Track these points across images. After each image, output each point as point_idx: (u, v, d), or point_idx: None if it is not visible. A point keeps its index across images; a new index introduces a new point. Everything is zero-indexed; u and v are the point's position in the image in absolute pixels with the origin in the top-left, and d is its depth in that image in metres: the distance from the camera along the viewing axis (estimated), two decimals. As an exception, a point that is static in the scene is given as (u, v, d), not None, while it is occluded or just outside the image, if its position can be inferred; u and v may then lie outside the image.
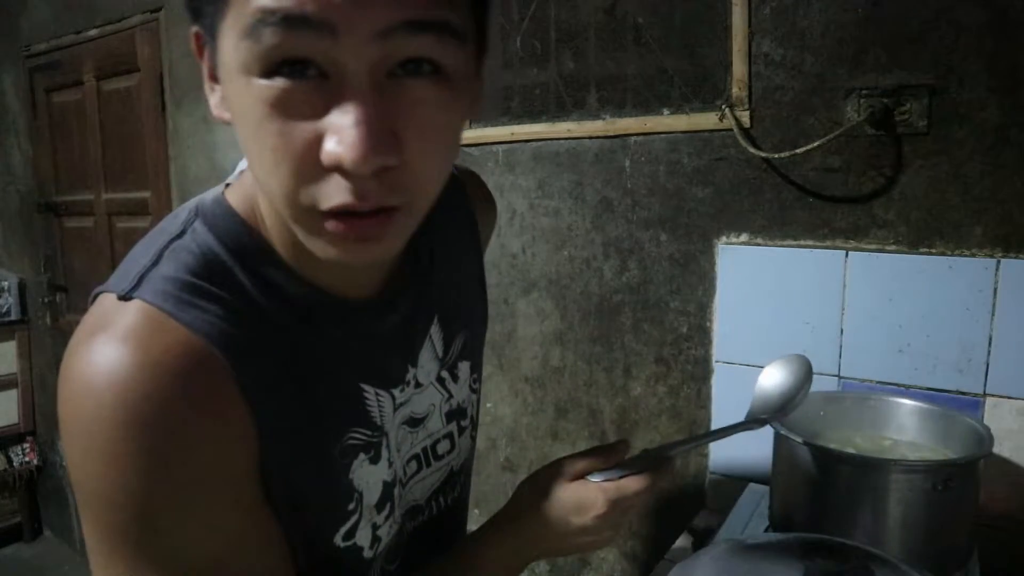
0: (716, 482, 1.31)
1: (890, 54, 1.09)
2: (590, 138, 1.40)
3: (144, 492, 0.44)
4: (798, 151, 1.14)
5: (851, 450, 0.89)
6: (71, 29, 2.58)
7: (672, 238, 1.34)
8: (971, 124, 1.05)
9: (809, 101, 1.17)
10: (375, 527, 0.59)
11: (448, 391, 0.67)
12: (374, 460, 0.58)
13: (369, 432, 0.58)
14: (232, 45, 0.41)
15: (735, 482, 1.28)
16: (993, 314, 1.04)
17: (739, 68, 1.22)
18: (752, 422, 0.73)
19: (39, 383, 3.14)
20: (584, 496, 0.61)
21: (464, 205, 0.72)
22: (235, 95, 0.43)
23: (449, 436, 0.68)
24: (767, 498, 1.01)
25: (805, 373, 0.75)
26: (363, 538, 0.59)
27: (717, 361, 1.30)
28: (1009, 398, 1.05)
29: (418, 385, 0.63)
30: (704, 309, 1.31)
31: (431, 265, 0.65)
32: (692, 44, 1.27)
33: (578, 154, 1.43)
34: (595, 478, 0.63)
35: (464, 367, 0.69)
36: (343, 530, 0.57)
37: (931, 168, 1.09)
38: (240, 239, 0.52)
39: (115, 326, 0.46)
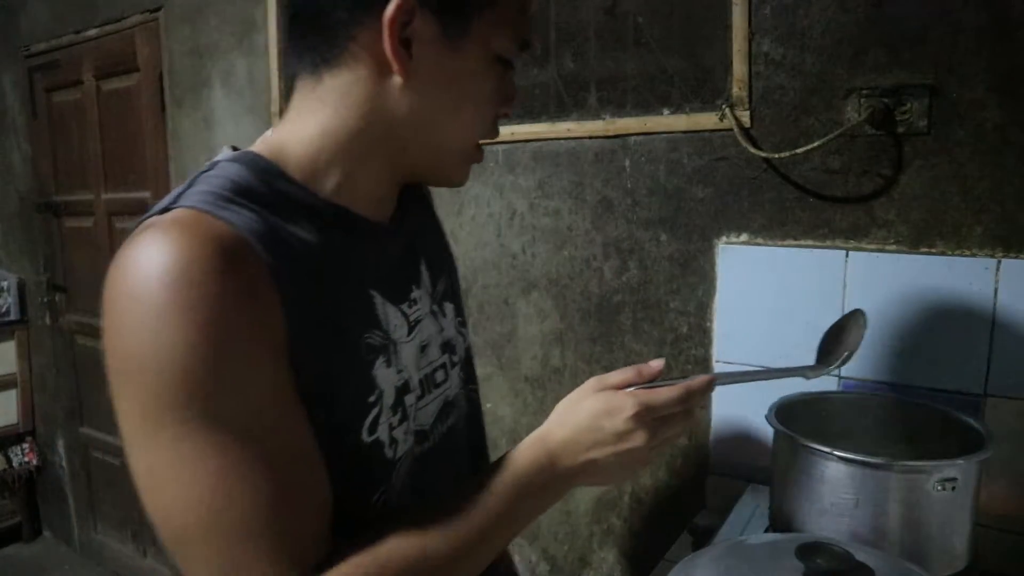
0: (716, 482, 1.31)
1: (890, 54, 1.09)
2: (590, 138, 1.40)
3: (187, 353, 0.48)
4: (798, 151, 1.14)
5: (851, 450, 0.89)
6: (71, 29, 2.58)
7: (672, 238, 1.34)
8: (971, 124, 1.05)
9: (809, 101, 1.17)
10: (391, 428, 0.64)
11: (440, 324, 0.75)
12: (388, 364, 0.64)
13: (382, 335, 0.64)
14: (492, 34, 0.60)
15: (735, 482, 1.28)
16: (993, 314, 1.04)
17: (739, 68, 1.22)
18: (806, 368, 0.75)
19: (39, 383, 3.14)
20: (614, 400, 0.60)
21: (422, 193, 0.83)
22: (477, 73, 0.61)
23: (443, 367, 0.74)
24: (767, 498, 1.01)
25: (862, 324, 0.78)
26: (384, 434, 0.63)
27: (717, 361, 1.30)
28: (1009, 398, 1.04)
29: (419, 316, 0.70)
30: (704, 309, 1.31)
31: (412, 214, 0.74)
32: (692, 44, 1.27)
33: (578, 154, 1.43)
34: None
35: (449, 307, 0.78)
36: (367, 423, 0.61)
37: (931, 168, 1.09)
38: (265, 167, 0.60)
39: (159, 225, 0.52)
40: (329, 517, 0.56)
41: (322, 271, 0.59)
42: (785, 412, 1.00)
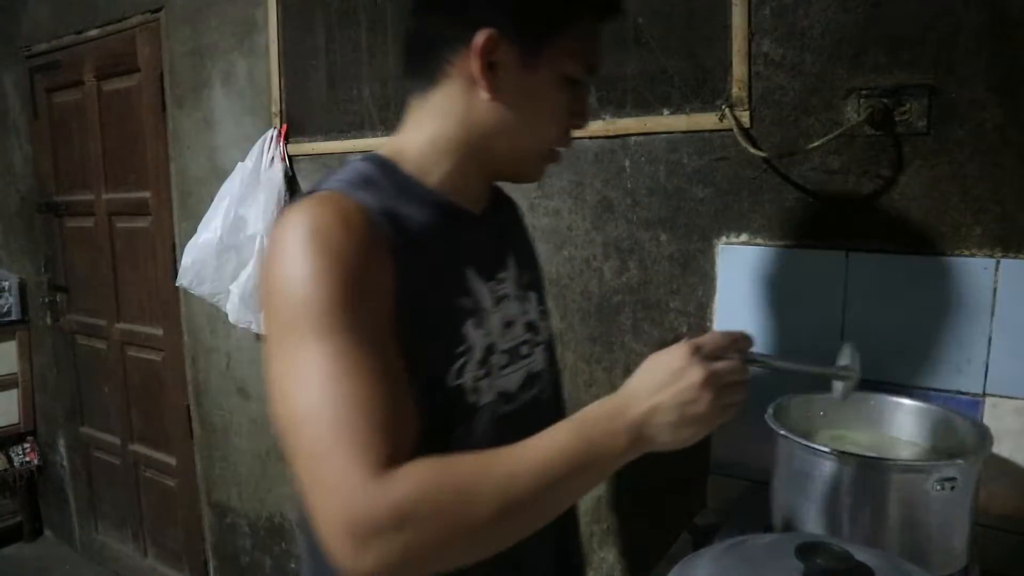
0: (716, 482, 1.31)
1: (890, 54, 1.09)
2: (590, 138, 1.40)
3: (318, 283, 0.64)
4: (798, 151, 1.14)
5: (851, 450, 0.89)
6: (71, 29, 2.58)
7: (672, 238, 1.34)
8: (971, 124, 1.05)
9: (809, 101, 1.17)
10: (476, 379, 0.76)
11: (524, 308, 0.88)
12: (477, 325, 0.78)
13: (473, 302, 0.78)
14: (556, 61, 0.74)
15: (735, 482, 1.28)
16: (993, 314, 1.04)
17: (739, 68, 1.22)
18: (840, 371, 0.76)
19: (39, 383, 3.14)
20: (671, 348, 0.69)
21: (514, 205, 1.01)
22: (541, 87, 0.75)
23: (527, 343, 0.86)
24: (767, 498, 1.01)
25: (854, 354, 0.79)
26: (468, 382, 0.75)
27: (717, 361, 1.30)
28: (1009, 398, 1.05)
29: (507, 292, 0.84)
30: (704, 309, 1.31)
31: (505, 217, 0.94)
32: (692, 44, 1.27)
33: (578, 154, 1.43)
34: None
35: (533, 296, 0.91)
36: (454, 369, 0.74)
37: (931, 168, 1.09)
38: (386, 164, 0.77)
39: (307, 200, 0.70)
40: (415, 439, 0.65)
41: (427, 244, 0.73)
42: (785, 412, 1.00)
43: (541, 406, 0.88)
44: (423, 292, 0.72)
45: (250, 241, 1.89)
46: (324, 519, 0.60)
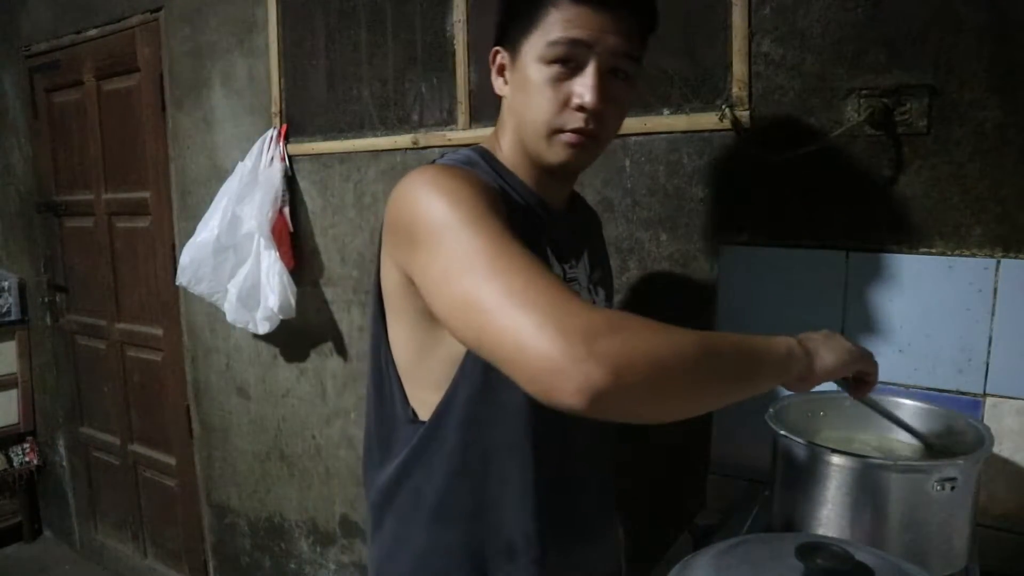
0: (716, 482, 1.31)
1: (890, 54, 1.09)
2: (590, 138, 1.40)
3: (466, 194, 0.74)
4: (798, 151, 1.14)
5: (851, 450, 0.89)
6: (71, 29, 2.58)
7: (672, 238, 1.34)
8: (971, 124, 1.05)
9: (809, 101, 1.17)
10: None
11: (593, 299, 0.98)
12: None
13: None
14: (532, 49, 0.83)
15: (735, 482, 1.28)
16: (993, 314, 1.04)
17: (739, 68, 1.22)
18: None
19: (39, 383, 3.14)
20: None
21: (596, 216, 1.16)
22: (528, 74, 0.84)
23: None
24: (767, 498, 1.01)
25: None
26: None
27: (717, 361, 1.30)
28: (1009, 398, 1.05)
29: (577, 279, 0.94)
30: (704, 309, 1.31)
31: (584, 222, 1.06)
32: (692, 44, 1.27)
33: (578, 154, 1.43)
34: None
35: (601, 292, 1.01)
36: None
37: (931, 168, 1.09)
38: (483, 152, 0.91)
39: (423, 167, 0.81)
40: None
41: (521, 218, 0.83)
42: (785, 412, 1.00)
43: None
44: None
45: (247, 240, 1.89)
46: (541, 335, 0.60)
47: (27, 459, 3.14)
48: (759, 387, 0.73)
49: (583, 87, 0.82)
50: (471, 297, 0.66)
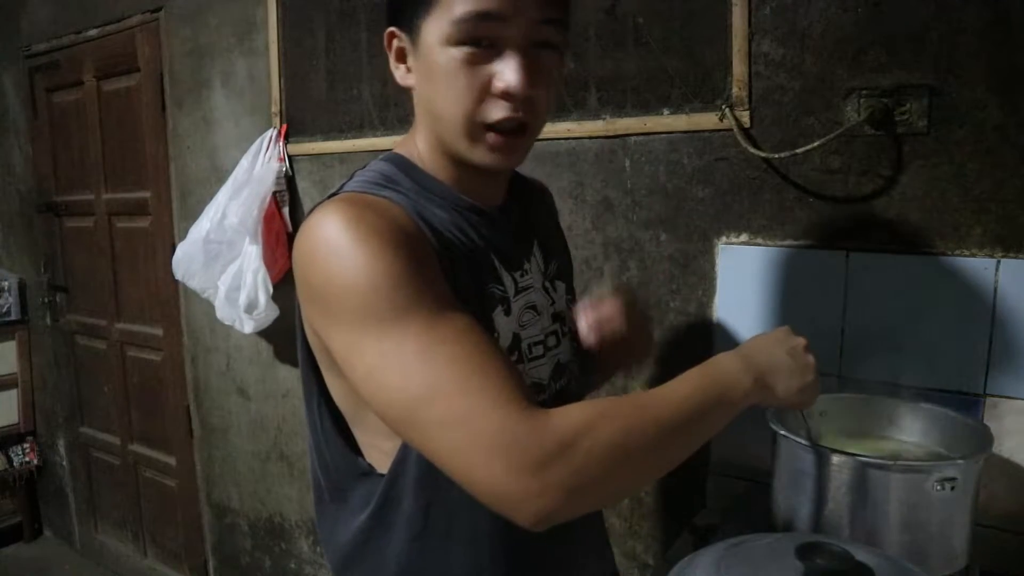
0: (716, 482, 1.31)
1: (890, 54, 1.09)
2: (590, 138, 1.40)
3: (376, 274, 0.63)
4: (798, 151, 1.14)
5: (851, 450, 0.89)
6: (71, 29, 2.58)
7: (672, 238, 1.34)
8: (971, 124, 1.05)
9: (809, 101, 1.17)
10: None
11: (551, 298, 0.88)
12: (507, 313, 0.79)
13: (502, 289, 0.80)
14: (435, 31, 0.69)
15: (735, 482, 1.28)
16: (993, 314, 1.04)
17: (739, 68, 1.22)
18: None
19: (39, 383, 3.14)
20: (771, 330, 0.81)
21: (544, 193, 1.04)
22: (434, 60, 0.71)
23: (555, 333, 0.87)
24: (767, 498, 1.01)
25: None
26: None
27: (717, 361, 1.30)
28: (1009, 398, 1.05)
29: (531, 283, 0.85)
30: (704, 309, 1.31)
31: (528, 208, 0.91)
32: (692, 44, 1.27)
33: (578, 154, 1.43)
34: None
35: (560, 285, 0.92)
36: None
37: (931, 168, 1.09)
38: (402, 162, 0.79)
39: (332, 203, 0.69)
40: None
41: (454, 238, 0.75)
42: (785, 412, 1.00)
43: (571, 397, 0.89)
44: (457, 279, 0.72)
45: (239, 238, 1.89)
46: (489, 469, 0.58)
47: (27, 459, 3.14)
48: (714, 432, 0.71)
49: (508, 70, 0.69)
50: (409, 418, 0.62)
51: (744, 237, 1.26)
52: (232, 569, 2.45)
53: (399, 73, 0.77)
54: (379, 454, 0.79)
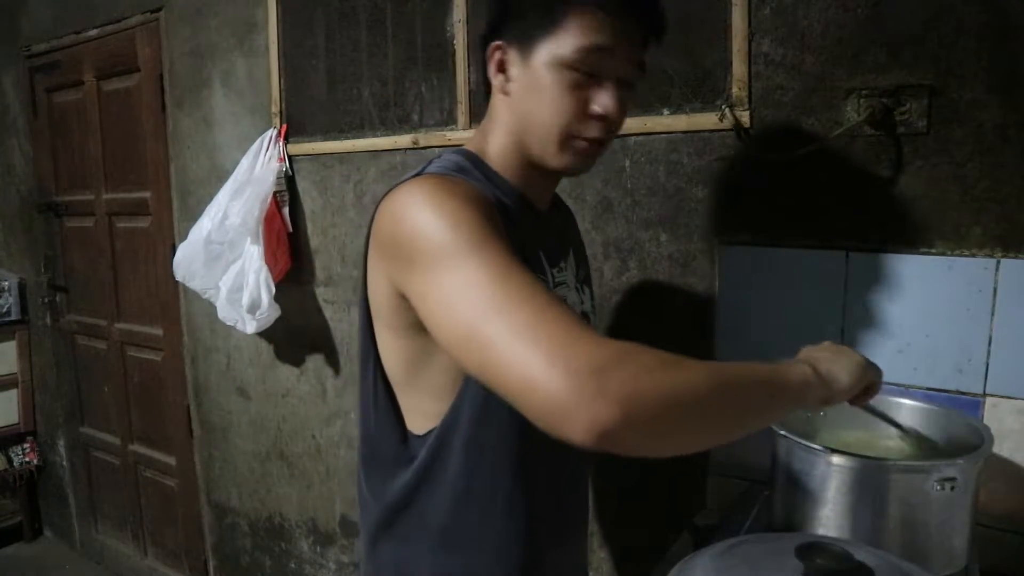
0: (716, 482, 1.31)
1: (890, 54, 1.09)
2: (590, 138, 1.40)
3: (463, 216, 0.71)
4: (798, 151, 1.14)
5: (851, 450, 0.89)
6: (71, 29, 2.58)
7: (672, 238, 1.34)
8: (971, 124, 1.05)
9: (809, 101, 1.17)
10: None
11: (580, 299, 0.98)
12: None
13: (545, 279, 0.88)
14: (552, 51, 0.80)
15: (735, 482, 1.28)
16: (993, 314, 1.04)
17: (739, 68, 1.22)
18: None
19: (39, 383, 3.14)
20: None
21: (570, 210, 1.13)
22: (542, 76, 0.81)
23: None
24: (767, 498, 1.01)
25: None
26: None
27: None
28: (1009, 398, 1.05)
29: (566, 281, 0.94)
30: (704, 309, 1.31)
31: (564, 218, 1.06)
32: (692, 44, 1.27)
33: (578, 154, 1.43)
34: None
35: (587, 290, 1.02)
36: None
37: (931, 168, 1.09)
38: (474, 158, 0.88)
39: (413, 181, 0.78)
40: None
41: (513, 224, 0.81)
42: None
43: None
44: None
45: (240, 238, 1.89)
46: (549, 371, 0.59)
47: (27, 459, 3.14)
48: (774, 419, 0.73)
49: (607, 98, 0.81)
50: (475, 331, 0.64)
51: (744, 237, 1.26)
52: (232, 569, 2.45)
53: (498, 80, 0.86)
54: (422, 419, 0.86)
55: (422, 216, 0.72)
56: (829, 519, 0.88)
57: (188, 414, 2.45)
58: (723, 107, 1.23)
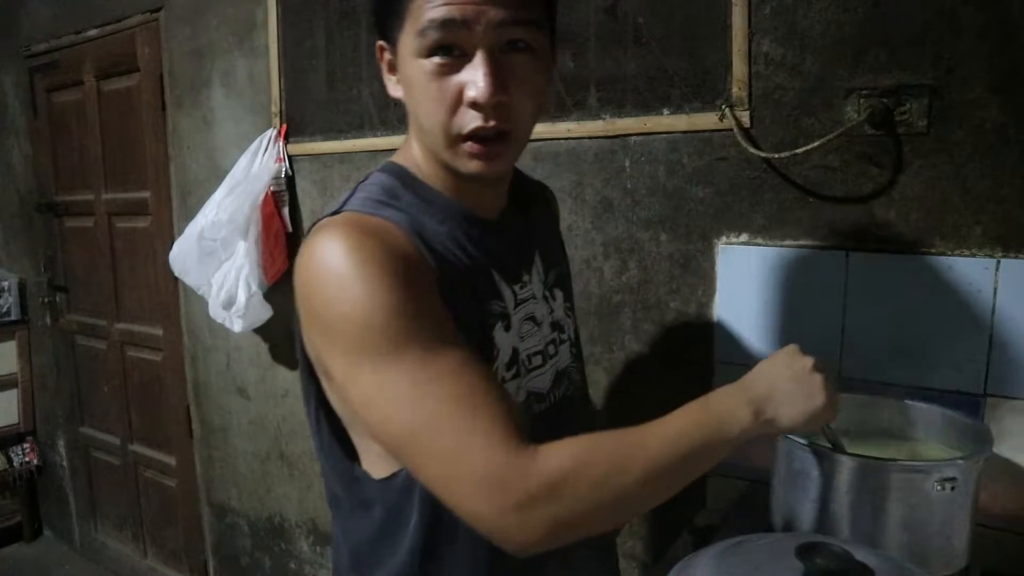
0: (716, 482, 1.31)
1: (890, 54, 1.09)
2: (590, 138, 1.40)
3: (374, 307, 0.64)
4: (798, 151, 1.14)
5: (851, 450, 0.89)
6: (71, 29, 2.58)
7: (672, 238, 1.34)
8: (971, 124, 1.05)
9: (809, 101, 1.17)
10: (504, 381, 0.78)
11: (551, 307, 0.88)
12: (507, 329, 0.79)
13: (502, 305, 0.79)
14: (407, 44, 0.70)
15: (735, 482, 1.28)
16: (993, 314, 1.04)
17: (739, 68, 1.22)
18: None
19: (39, 383, 3.14)
20: (779, 350, 0.77)
21: (545, 194, 1.04)
22: (410, 73, 0.71)
23: (554, 342, 0.88)
24: (767, 498, 1.01)
25: None
26: None
27: (717, 361, 1.30)
28: (1009, 398, 1.05)
29: (532, 294, 0.85)
30: (704, 309, 1.31)
31: (530, 213, 0.91)
32: (692, 44, 1.27)
33: (578, 154, 1.43)
34: None
35: (559, 294, 0.92)
36: None
37: (931, 168, 1.09)
38: (403, 174, 0.78)
39: (334, 225, 0.70)
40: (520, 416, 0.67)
41: (454, 255, 0.75)
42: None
43: (573, 404, 0.90)
44: (457, 300, 0.72)
45: (235, 237, 1.89)
46: (477, 505, 0.61)
47: (27, 459, 3.14)
48: (708, 468, 0.71)
49: (474, 76, 0.68)
50: (401, 447, 0.65)
51: (744, 237, 1.26)
52: (232, 569, 2.45)
53: (390, 85, 0.78)
54: (380, 461, 0.78)
55: (338, 294, 0.66)
56: (829, 519, 0.88)
57: (188, 414, 2.45)
58: (723, 107, 1.23)
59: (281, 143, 1.94)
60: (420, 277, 0.68)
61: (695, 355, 1.33)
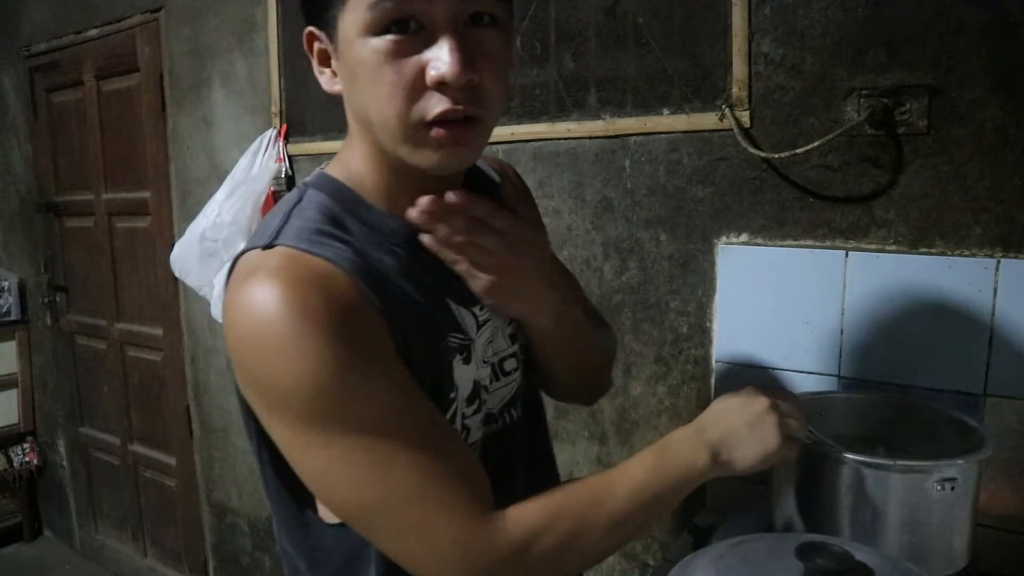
0: (716, 482, 1.31)
1: (890, 54, 1.09)
2: (590, 138, 1.40)
3: (318, 375, 0.57)
4: (798, 151, 1.14)
5: (851, 450, 0.89)
6: (71, 29, 2.58)
7: (672, 238, 1.34)
8: (971, 124, 1.05)
9: (809, 101, 1.17)
10: (464, 417, 0.73)
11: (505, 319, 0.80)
12: (466, 361, 0.72)
13: (462, 336, 0.72)
14: (352, 22, 0.59)
15: (735, 482, 1.28)
16: (993, 314, 1.04)
17: (739, 68, 1.22)
18: None
19: (39, 383, 3.14)
20: (742, 388, 0.75)
21: (502, 167, 0.88)
22: (356, 57, 0.60)
23: (513, 355, 0.81)
24: (767, 498, 1.01)
25: None
26: (458, 424, 0.72)
27: (717, 361, 1.30)
28: (1009, 398, 1.04)
29: (488, 318, 0.76)
30: (704, 309, 1.31)
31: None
32: (692, 44, 1.27)
33: (578, 154, 1.43)
34: None
35: None
36: (447, 415, 0.70)
37: (931, 168, 1.09)
38: (345, 195, 0.69)
39: (265, 267, 0.60)
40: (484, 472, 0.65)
41: (404, 289, 0.66)
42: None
43: (519, 423, 0.83)
44: (411, 343, 0.65)
45: (236, 237, 1.89)
46: (445, 574, 0.60)
47: (27, 459, 3.14)
48: (671, 510, 0.73)
49: (439, 54, 0.58)
50: (358, 517, 0.62)
51: (744, 237, 1.26)
52: (232, 569, 2.45)
53: (324, 79, 0.67)
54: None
55: (276, 358, 0.57)
56: (829, 519, 0.88)
57: (188, 414, 2.45)
58: (723, 107, 1.23)
59: (281, 143, 1.94)
60: (368, 331, 0.61)
61: (695, 355, 1.33)
